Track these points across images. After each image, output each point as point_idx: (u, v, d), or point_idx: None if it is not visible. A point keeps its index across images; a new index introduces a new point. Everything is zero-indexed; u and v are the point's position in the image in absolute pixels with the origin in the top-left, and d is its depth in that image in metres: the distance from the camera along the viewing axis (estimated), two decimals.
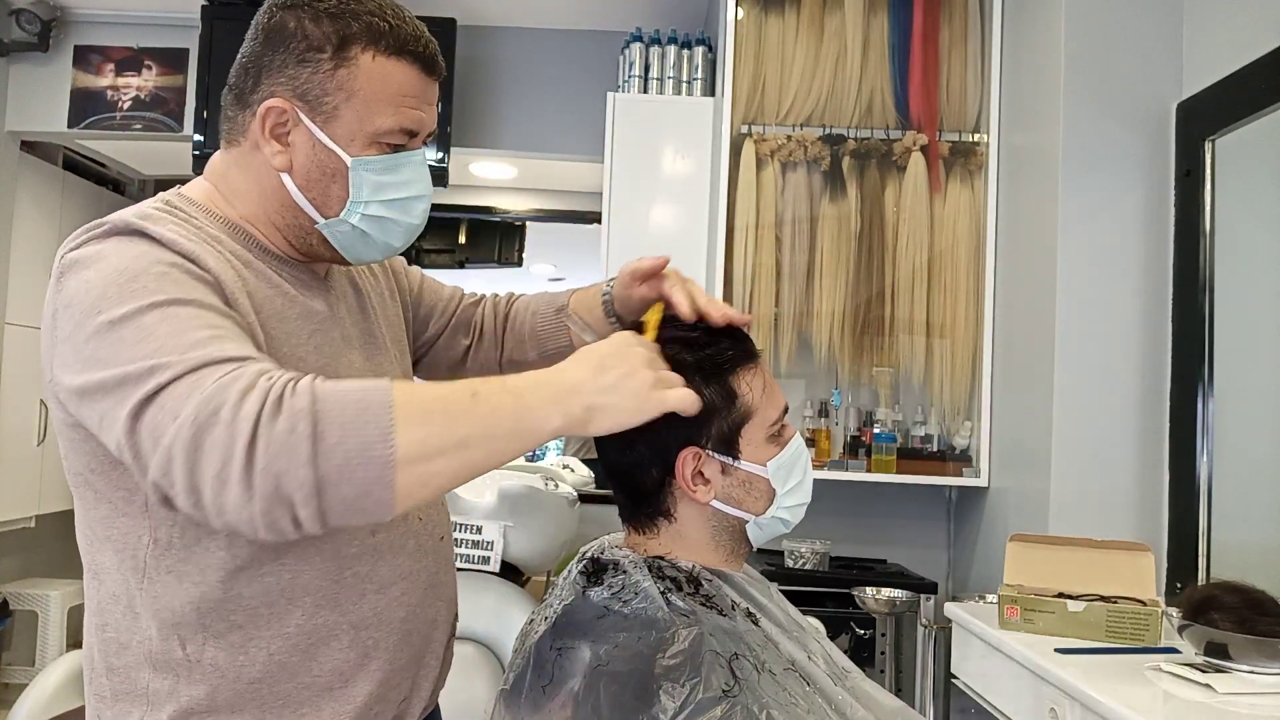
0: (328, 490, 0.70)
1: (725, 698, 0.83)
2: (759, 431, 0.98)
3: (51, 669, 2.46)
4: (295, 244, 0.96)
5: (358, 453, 0.70)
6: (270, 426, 0.69)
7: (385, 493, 0.72)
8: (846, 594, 2.43)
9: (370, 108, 0.90)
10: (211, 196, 0.96)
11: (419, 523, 1.03)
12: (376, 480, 0.71)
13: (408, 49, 0.91)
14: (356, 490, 0.71)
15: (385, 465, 0.71)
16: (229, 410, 0.70)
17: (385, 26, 0.89)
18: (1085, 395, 2.18)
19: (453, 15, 3.31)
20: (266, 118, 0.90)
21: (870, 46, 2.73)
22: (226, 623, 0.88)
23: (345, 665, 0.93)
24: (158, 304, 0.77)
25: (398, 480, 0.72)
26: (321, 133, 0.90)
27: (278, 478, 0.69)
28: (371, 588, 0.95)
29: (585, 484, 4.54)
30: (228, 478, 0.69)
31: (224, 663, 0.88)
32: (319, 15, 0.89)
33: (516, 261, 4.59)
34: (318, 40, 0.88)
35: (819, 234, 2.69)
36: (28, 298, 3.72)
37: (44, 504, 3.86)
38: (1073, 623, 1.73)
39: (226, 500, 0.70)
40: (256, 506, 0.70)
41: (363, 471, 0.71)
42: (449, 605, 1.09)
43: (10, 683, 3.82)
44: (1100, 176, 2.20)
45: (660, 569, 0.96)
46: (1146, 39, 2.20)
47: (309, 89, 0.89)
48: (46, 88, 3.54)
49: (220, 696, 0.88)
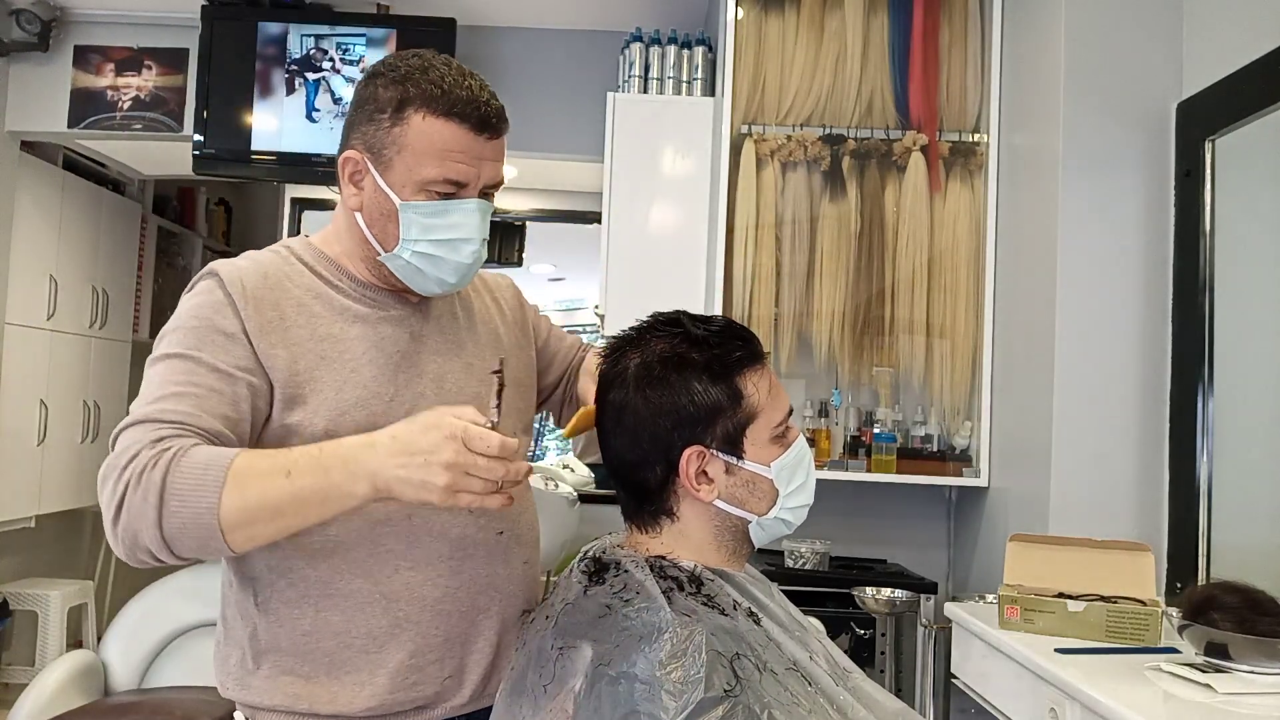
0: (174, 543, 0.92)
1: (727, 697, 0.83)
2: (764, 432, 0.99)
3: (51, 669, 2.47)
4: (374, 274, 1.13)
5: (192, 520, 0.91)
6: (133, 494, 0.91)
7: (219, 544, 0.92)
8: (846, 594, 2.43)
9: (419, 160, 1.05)
10: (326, 238, 1.17)
11: (469, 514, 1.10)
12: (209, 539, 0.92)
13: (455, 111, 1.05)
14: (196, 544, 0.93)
15: (213, 531, 0.91)
16: (117, 471, 0.93)
17: (438, 92, 1.05)
18: (1085, 395, 2.18)
19: (453, 15, 3.31)
20: (345, 166, 1.09)
21: (870, 46, 2.73)
22: (285, 579, 1.07)
23: (378, 631, 1.06)
24: (169, 355, 1.01)
25: (227, 538, 0.92)
26: (380, 179, 1.07)
27: (135, 535, 0.92)
28: (405, 564, 1.07)
29: (585, 484, 4.54)
30: (109, 524, 0.94)
31: (284, 613, 1.07)
32: (390, 83, 1.07)
33: (516, 261, 4.59)
34: (383, 103, 1.06)
35: (819, 234, 2.70)
36: (28, 298, 3.72)
37: (44, 504, 3.86)
38: (1073, 623, 1.73)
39: (112, 538, 0.94)
40: (123, 550, 0.94)
41: (196, 533, 0.92)
42: (507, 599, 1.14)
43: (10, 683, 3.82)
44: (1100, 177, 2.20)
45: (662, 569, 0.97)
46: (1146, 39, 2.20)
47: (373, 143, 1.07)
48: (46, 88, 3.53)
49: (283, 643, 1.07)
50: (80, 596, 3.94)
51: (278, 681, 1.06)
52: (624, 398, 0.99)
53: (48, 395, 3.85)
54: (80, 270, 4.07)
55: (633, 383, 0.99)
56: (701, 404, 0.96)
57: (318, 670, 1.06)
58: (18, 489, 3.69)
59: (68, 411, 4.02)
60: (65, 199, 3.93)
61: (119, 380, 4.40)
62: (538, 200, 4.24)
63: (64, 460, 4.00)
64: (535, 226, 4.53)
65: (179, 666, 2.61)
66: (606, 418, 1.02)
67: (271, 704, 1.07)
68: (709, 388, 0.96)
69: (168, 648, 2.64)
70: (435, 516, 1.08)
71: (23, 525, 3.77)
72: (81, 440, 4.12)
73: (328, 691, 1.06)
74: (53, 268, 3.87)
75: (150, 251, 4.66)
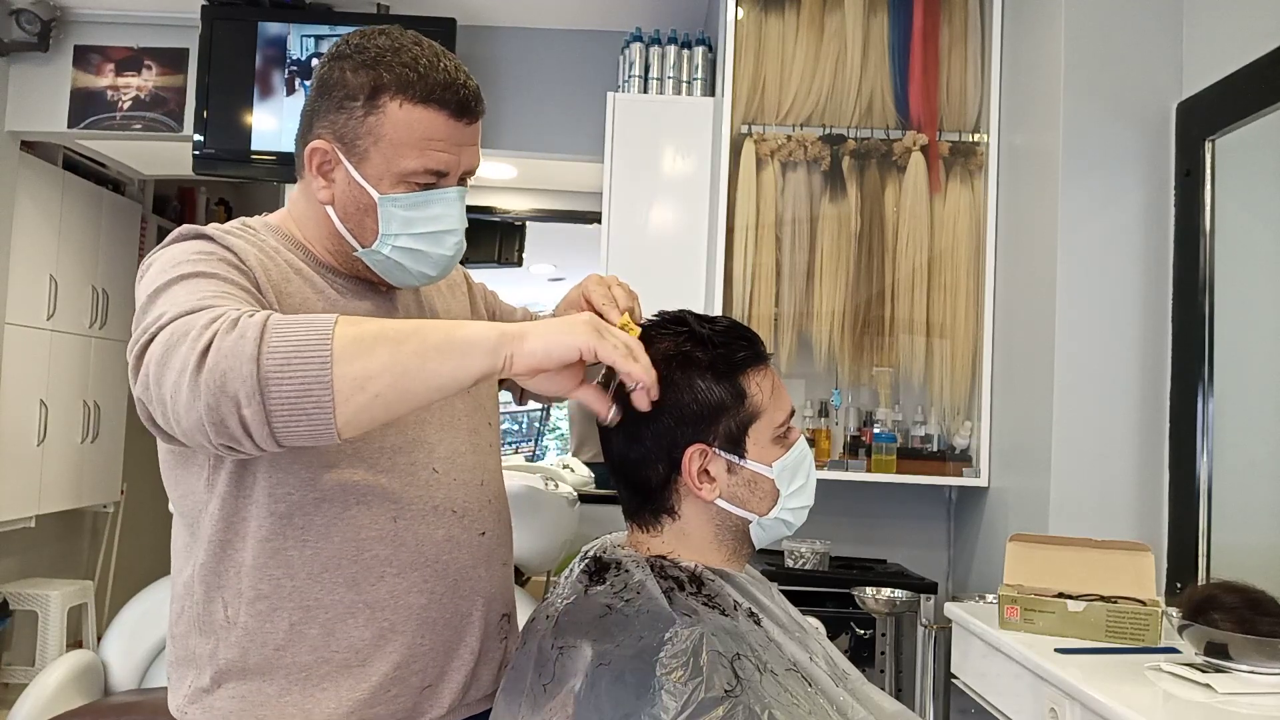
0: (270, 387, 0.76)
1: (727, 697, 0.83)
2: (766, 432, 0.99)
3: (51, 669, 2.46)
4: (345, 267, 1.07)
5: (298, 350, 0.77)
6: (224, 338, 0.77)
7: (325, 392, 0.76)
8: (846, 594, 2.43)
9: (396, 151, 0.98)
10: (285, 220, 1.09)
11: (453, 515, 1.06)
12: (316, 380, 0.76)
13: (434, 97, 0.98)
14: (297, 387, 0.76)
15: (323, 363, 0.76)
16: (195, 331, 0.79)
17: (414, 76, 0.98)
18: (1085, 395, 2.18)
19: (453, 15, 3.31)
20: (312, 157, 1.02)
21: (870, 46, 2.73)
22: (255, 590, 0.98)
23: (362, 644, 1.00)
24: (185, 275, 0.89)
25: (337, 369, 0.77)
26: (355, 172, 1.00)
27: (224, 375, 0.76)
28: (391, 571, 1.01)
29: (585, 484, 4.55)
30: (181, 383, 0.77)
31: (254, 627, 0.98)
32: (359, 66, 0.99)
33: (516, 261, 4.59)
34: (354, 89, 0.99)
35: (819, 234, 2.70)
36: (28, 298, 3.72)
37: (44, 504, 3.86)
38: (1073, 623, 1.73)
39: (180, 402, 0.78)
40: (202, 404, 0.76)
41: (302, 368, 0.76)
42: (489, 602, 1.10)
43: (10, 683, 3.82)
44: (1100, 176, 2.20)
45: (663, 568, 0.97)
46: (1146, 39, 2.20)
47: (345, 132, 1.00)
48: (46, 88, 3.54)
49: (250, 660, 0.98)
50: (80, 596, 3.95)
51: (242, 702, 0.98)
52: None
53: (48, 395, 3.85)
54: (80, 270, 4.07)
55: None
56: (705, 403, 0.96)
57: (289, 687, 0.98)
58: (18, 489, 3.69)
59: (68, 411, 4.02)
60: (65, 199, 3.93)
61: (119, 380, 4.40)
62: (538, 200, 4.23)
63: (64, 460, 4.00)
64: (535, 226, 4.53)
65: None
66: None
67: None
68: (712, 386, 0.96)
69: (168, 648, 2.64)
70: (421, 521, 1.03)
71: (23, 525, 3.77)
72: (81, 440, 4.12)
73: (300, 710, 0.98)
74: (53, 268, 3.87)
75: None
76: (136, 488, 4.53)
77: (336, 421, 0.78)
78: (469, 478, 1.10)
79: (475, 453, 1.12)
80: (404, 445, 1.04)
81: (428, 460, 1.05)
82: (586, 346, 0.83)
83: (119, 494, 4.43)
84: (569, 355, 0.83)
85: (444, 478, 1.06)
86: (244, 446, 0.79)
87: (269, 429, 0.77)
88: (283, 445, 0.80)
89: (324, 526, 0.98)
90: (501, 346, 0.81)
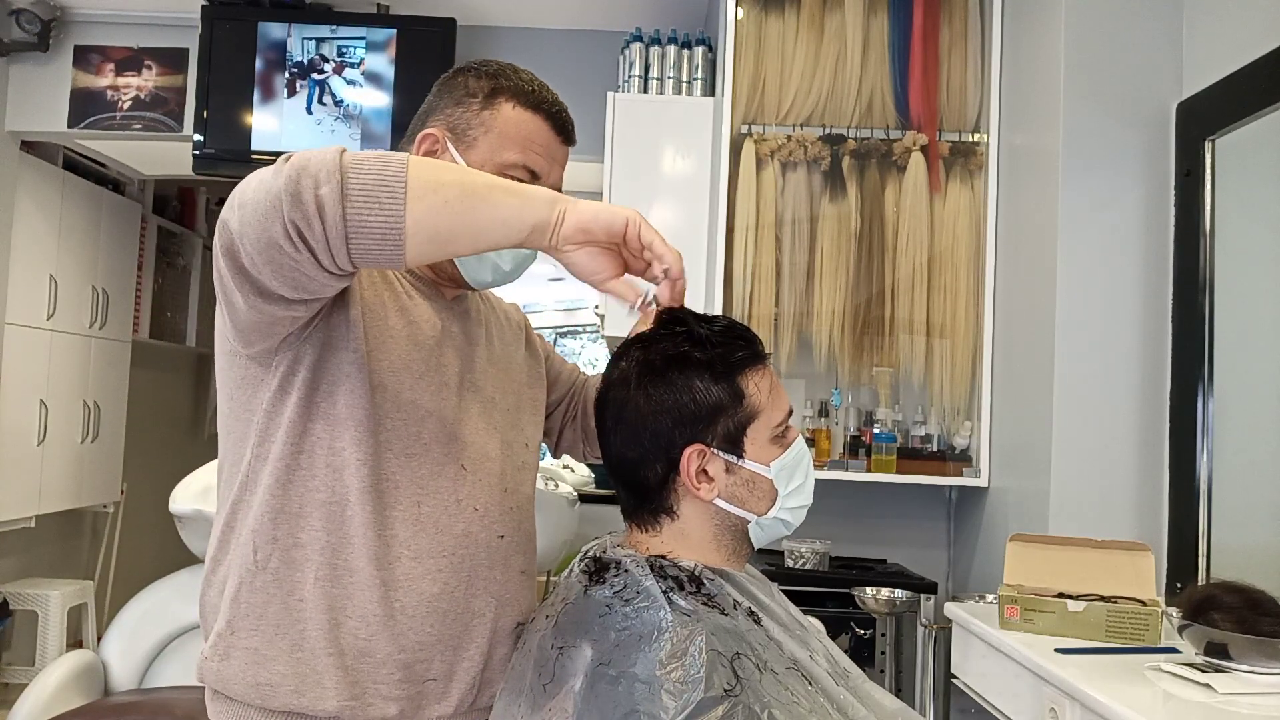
0: (349, 174, 0.83)
1: (727, 697, 0.83)
2: (764, 432, 0.99)
3: (51, 669, 2.46)
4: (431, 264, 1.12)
5: (378, 156, 0.85)
6: (309, 153, 0.85)
7: (399, 185, 0.83)
8: (846, 594, 2.43)
9: (503, 143, 1.09)
10: None
11: (474, 512, 1.09)
12: (393, 175, 0.83)
13: (543, 108, 1.12)
14: (375, 176, 0.83)
15: (400, 164, 0.84)
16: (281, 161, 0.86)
17: (529, 89, 1.12)
18: (1085, 395, 2.18)
19: (452, 15, 3.32)
20: (423, 142, 1.11)
21: (870, 46, 2.73)
22: (292, 539, 1.02)
23: (372, 618, 1.02)
24: None
25: (410, 176, 0.83)
26: (460, 159, 1.09)
27: (306, 160, 0.83)
28: (408, 554, 1.05)
29: (585, 484, 4.55)
30: (264, 175, 0.85)
31: (283, 575, 1.02)
32: (481, 75, 1.12)
33: None
34: (474, 90, 1.11)
35: (819, 234, 2.70)
36: (28, 298, 3.72)
37: (44, 504, 3.86)
38: (1073, 623, 1.73)
39: (261, 189, 0.84)
40: (282, 179, 0.82)
41: (380, 165, 0.84)
42: (501, 605, 1.11)
43: (10, 683, 3.82)
44: (1100, 176, 2.20)
45: (662, 568, 0.97)
46: (1146, 39, 2.20)
47: (458, 124, 1.10)
48: (46, 88, 3.54)
49: (271, 609, 1.01)
50: (80, 596, 3.95)
51: (252, 668, 1.01)
52: (625, 395, 0.99)
53: (48, 395, 3.86)
54: (80, 270, 4.07)
55: (635, 380, 0.99)
56: (703, 402, 0.97)
57: (297, 650, 1.00)
58: (18, 489, 3.69)
59: (68, 411, 4.02)
60: (65, 199, 3.93)
61: (119, 380, 4.40)
62: None
63: (64, 460, 4.00)
64: None
65: (179, 666, 2.61)
66: (608, 415, 1.02)
67: (243, 696, 1.01)
68: (711, 386, 0.97)
69: (168, 648, 2.64)
70: (443, 511, 1.07)
71: (23, 525, 3.77)
72: (81, 440, 4.12)
73: (310, 669, 1.00)
74: (53, 268, 3.87)
75: (150, 251, 4.67)
76: (136, 488, 4.53)
77: (407, 219, 0.83)
78: (494, 481, 1.12)
79: (505, 460, 1.15)
80: (439, 437, 1.08)
81: (458, 456, 1.09)
82: (634, 219, 0.93)
83: (119, 494, 4.43)
84: (616, 223, 0.93)
85: (470, 475, 1.10)
86: (313, 231, 0.82)
87: (342, 211, 0.82)
88: (352, 246, 0.84)
89: (358, 498, 1.02)
90: (559, 201, 0.90)
